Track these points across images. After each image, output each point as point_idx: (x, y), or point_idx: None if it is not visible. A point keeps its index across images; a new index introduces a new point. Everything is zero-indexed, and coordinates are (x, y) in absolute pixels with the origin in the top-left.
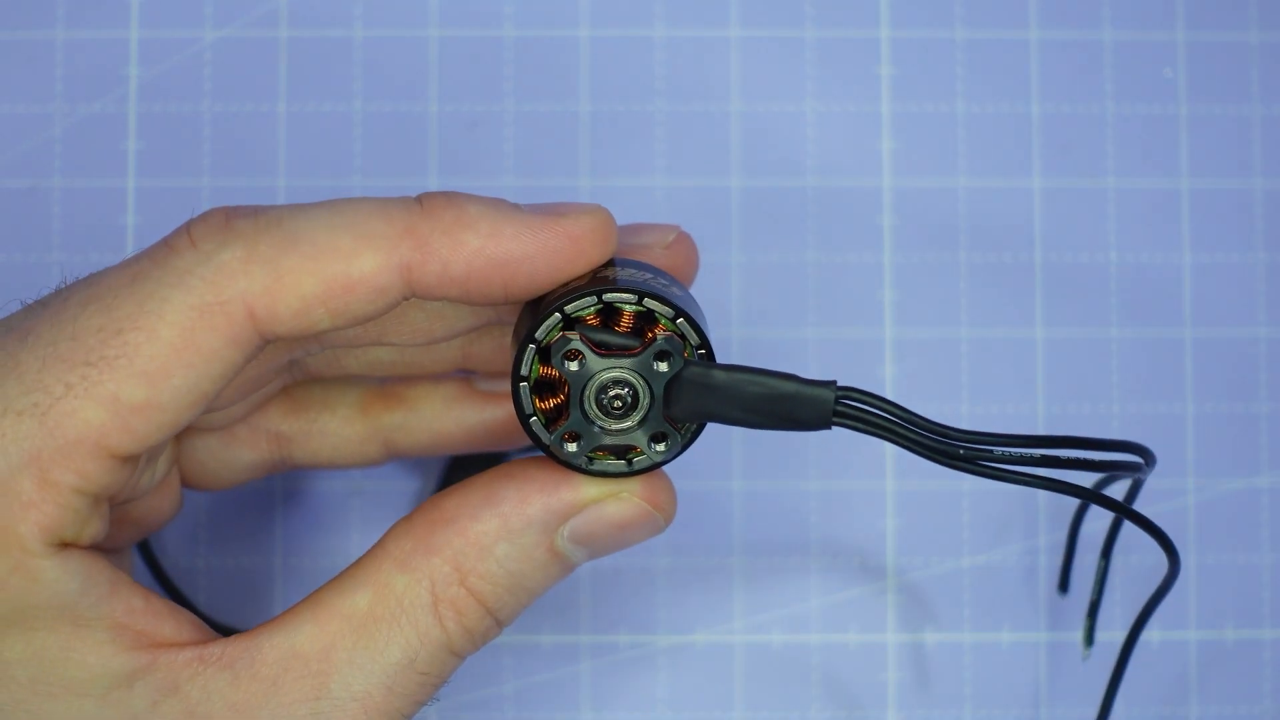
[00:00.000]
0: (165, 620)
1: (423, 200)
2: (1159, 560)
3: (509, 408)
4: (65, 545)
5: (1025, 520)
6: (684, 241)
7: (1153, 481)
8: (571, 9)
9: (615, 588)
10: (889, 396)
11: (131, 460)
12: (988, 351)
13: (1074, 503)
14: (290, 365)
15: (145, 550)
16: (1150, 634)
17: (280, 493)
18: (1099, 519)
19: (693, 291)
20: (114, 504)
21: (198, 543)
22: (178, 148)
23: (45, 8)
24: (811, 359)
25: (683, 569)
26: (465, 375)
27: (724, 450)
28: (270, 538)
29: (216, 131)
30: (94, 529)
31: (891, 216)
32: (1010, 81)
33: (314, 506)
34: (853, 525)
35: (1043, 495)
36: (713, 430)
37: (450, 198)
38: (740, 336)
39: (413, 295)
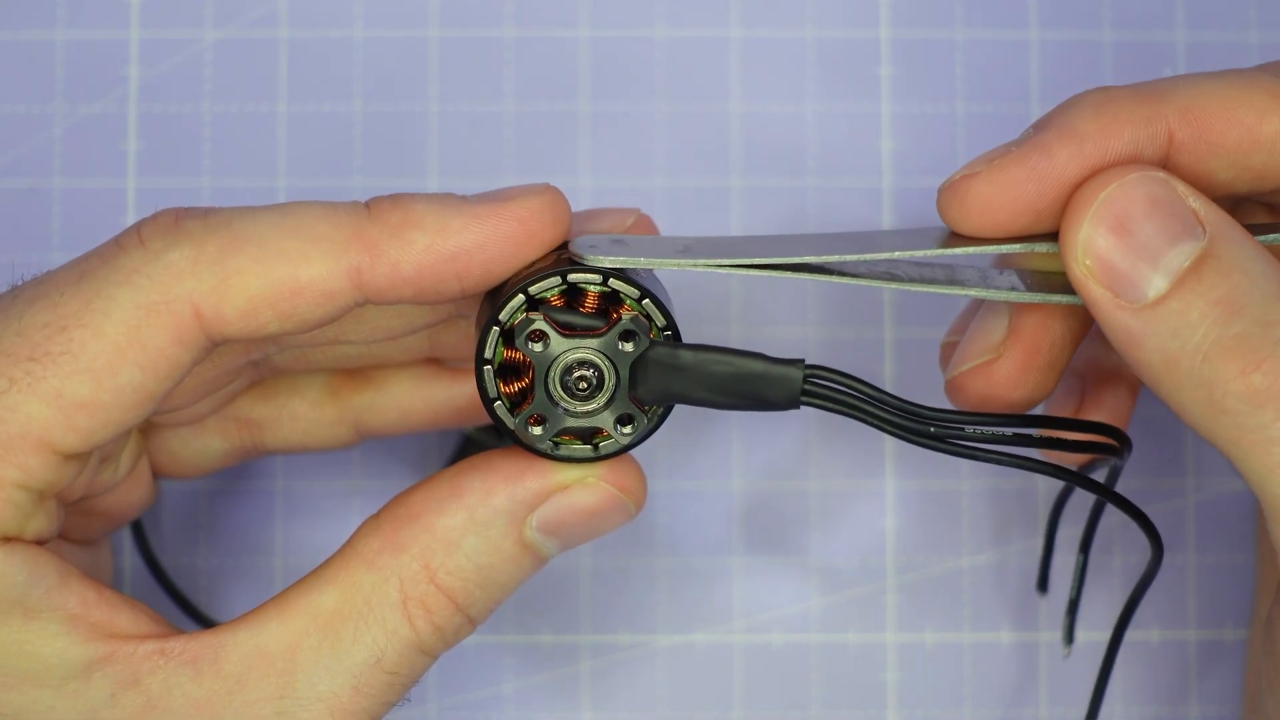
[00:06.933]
0: (121, 611)
1: (370, 205)
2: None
3: None
4: (8, 539)
5: (1025, 520)
6: (644, 224)
7: (1153, 481)
8: (571, 9)
9: (615, 588)
10: None
11: (78, 458)
12: None
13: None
14: (254, 365)
15: (145, 549)
16: (1150, 634)
17: (280, 493)
18: (1081, 519)
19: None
20: (68, 501)
21: (198, 543)
22: (178, 148)
23: (45, 8)
24: (811, 359)
25: (683, 569)
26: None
27: (724, 450)
28: (270, 538)
29: (216, 131)
30: (39, 524)
31: (891, 217)
32: (1010, 81)
33: (314, 506)
34: (853, 525)
35: (1041, 495)
36: (713, 430)
37: (396, 199)
38: (740, 336)
39: (367, 300)
